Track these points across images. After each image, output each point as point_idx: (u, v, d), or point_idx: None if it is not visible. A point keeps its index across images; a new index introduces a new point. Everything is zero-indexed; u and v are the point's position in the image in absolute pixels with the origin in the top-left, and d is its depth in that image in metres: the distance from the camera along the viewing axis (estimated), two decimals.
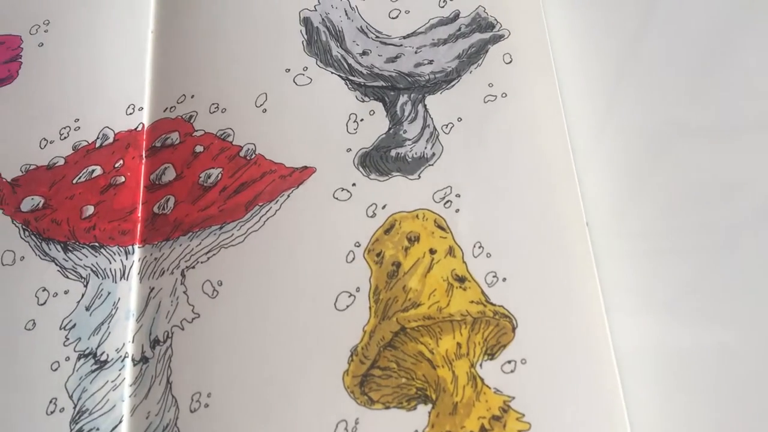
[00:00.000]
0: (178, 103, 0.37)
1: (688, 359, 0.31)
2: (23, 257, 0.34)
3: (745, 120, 0.35)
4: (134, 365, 0.32)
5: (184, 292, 0.33)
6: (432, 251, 0.33)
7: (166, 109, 0.37)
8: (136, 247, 0.34)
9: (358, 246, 0.33)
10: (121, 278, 0.33)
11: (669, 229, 0.34)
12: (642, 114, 0.38)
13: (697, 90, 0.37)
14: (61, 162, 0.36)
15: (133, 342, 0.32)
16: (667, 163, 0.35)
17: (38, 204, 0.35)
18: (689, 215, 0.34)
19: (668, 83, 0.37)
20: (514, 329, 0.31)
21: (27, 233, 0.34)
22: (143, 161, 0.36)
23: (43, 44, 0.39)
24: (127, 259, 0.34)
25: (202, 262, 0.33)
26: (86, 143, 0.36)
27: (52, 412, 0.31)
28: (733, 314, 0.31)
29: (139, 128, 0.37)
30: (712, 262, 0.33)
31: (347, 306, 0.32)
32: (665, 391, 0.31)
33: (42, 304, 0.33)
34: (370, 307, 0.32)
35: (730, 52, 0.37)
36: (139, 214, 0.35)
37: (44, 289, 0.33)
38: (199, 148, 0.36)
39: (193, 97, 0.37)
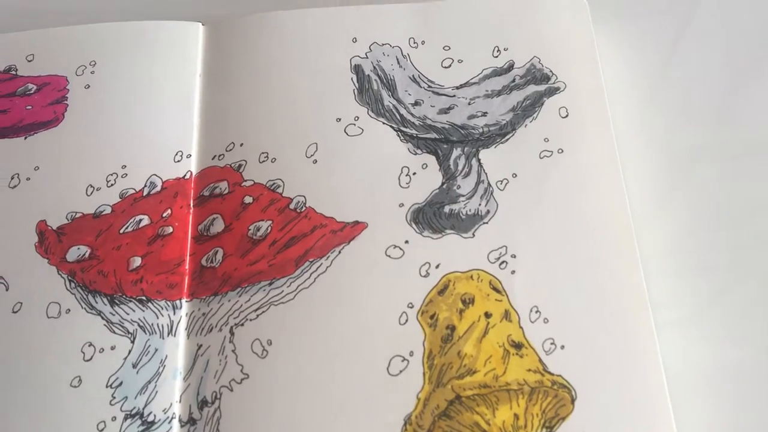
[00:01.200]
0: (226, 151, 0.37)
1: None
2: (69, 310, 0.33)
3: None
4: (181, 427, 0.31)
5: (233, 351, 0.32)
6: (487, 315, 0.32)
7: (215, 156, 0.37)
8: (183, 301, 0.33)
9: (411, 307, 0.32)
10: (168, 334, 0.33)
11: (737, 295, 0.33)
12: (702, 168, 0.37)
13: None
14: (108, 210, 0.35)
15: (180, 402, 0.32)
16: (736, 230, 0.34)
17: (84, 254, 0.34)
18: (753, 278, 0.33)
19: None
20: (573, 401, 0.30)
21: (73, 285, 0.34)
22: (191, 211, 0.35)
23: (89, 86, 0.38)
24: (174, 313, 0.33)
25: (251, 320, 0.33)
26: (133, 191, 0.36)
27: None
28: None
29: (187, 176, 0.36)
30: None
31: (400, 371, 0.31)
32: None
33: (88, 360, 0.32)
34: (424, 373, 0.31)
35: None
36: (187, 267, 0.34)
37: (90, 344, 0.32)
38: (248, 199, 0.35)
39: (242, 145, 0.37)
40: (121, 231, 0.35)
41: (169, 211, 0.35)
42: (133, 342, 0.32)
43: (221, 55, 0.39)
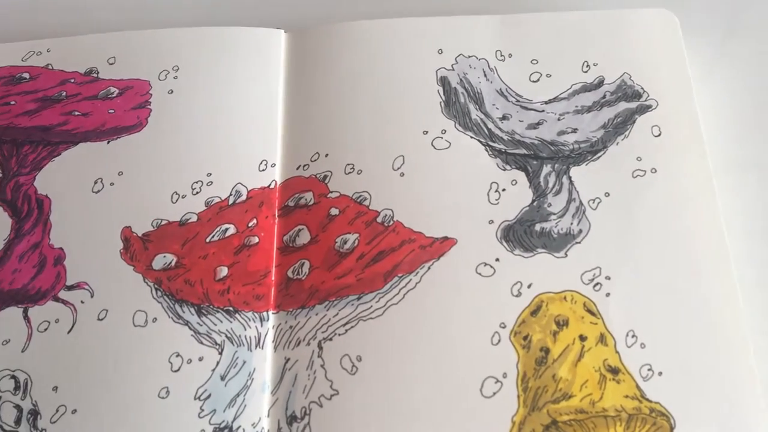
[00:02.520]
0: (311, 161, 0.36)
1: None
2: (155, 319, 0.33)
3: None
4: None
5: (322, 366, 0.32)
6: (582, 338, 0.31)
7: (299, 167, 0.36)
8: (270, 313, 0.33)
9: (503, 327, 0.32)
10: (256, 346, 0.32)
11: None
12: None
13: None
14: (194, 218, 0.35)
15: (269, 417, 0.31)
16: None
17: (171, 262, 0.34)
18: None
19: None
20: (672, 429, 0.29)
21: (159, 293, 0.33)
22: (276, 221, 0.35)
23: (172, 91, 0.38)
24: (262, 325, 0.33)
25: (339, 335, 0.32)
26: (219, 200, 0.35)
27: None
28: None
29: (272, 186, 0.36)
30: None
31: (494, 393, 0.30)
32: None
33: (176, 371, 0.32)
34: (518, 396, 0.30)
35: None
36: (273, 278, 0.34)
37: (178, 355, 0.32)
38: (334, 211, 0.35)
39: (327, 156, 0.36)
40: (208, 240, 0.34)
41: (254, 220, 0.35)
42: (220, 353, 0.32)
43: (304, 63, 0.39)
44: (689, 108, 0.36)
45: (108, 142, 0.37)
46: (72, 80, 0.39)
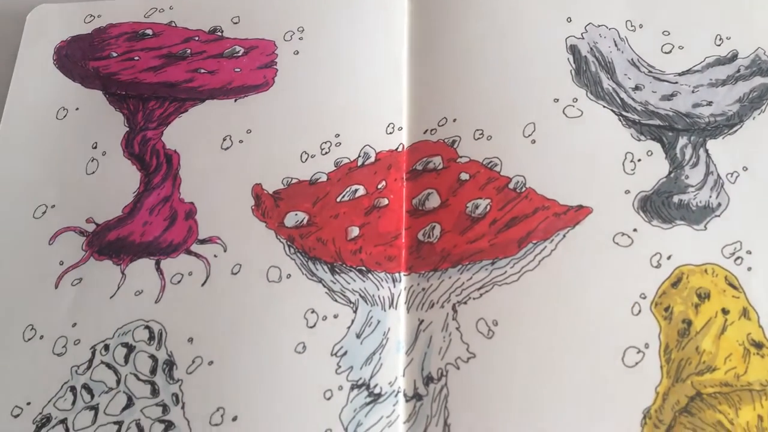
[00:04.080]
0: (439, 125, 0.36)
1: None
2: (290, 275, 0.33)
3: None
4: (407, 401, 0.31)
5: (457, 329, 0.31)
6: (724, 311, 0.31)
7: (427, 131, 0.36)
8: (402, 275, 0.33)
9: (643, 298, 0.31)
10: (390, 306, 0.32)
11: None
12: None
13: None
14: (324, 178, 0.35)
15: (404, 376, 0.31)
16: None
17: (302, 220, 0.34)
18: None
19: None
20: None
21: (292, 250, 0.33)
22: (404, 184, 0.35)
23: (298, 52, 0.38)
24: (394, 286, 0.33)
25: (474, 298, 0.32)
26: (348, 160, 0.35)
27: None
28: None
29: (399, 149, 0.36)
30: None
31: (636, 363, 0.30)
32: None
33: (311, 327, 0.32)
34: (661, 366, 0.30)
35: None
36: (403, 240, 0.34)
37: (313, 311, 0.32)
38: (464, 176, 0.34)
39: (455, 120, 0.36)
40: (338, 200, 0.34)
41: (383, 182, 0.35)
42: (355, 312, 0.32)
43: (429, 27, 0.38)
44: None
45: (235, 101, 0.37)
46: (196, 38, 0.39)
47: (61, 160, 0.37)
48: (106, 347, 0.32)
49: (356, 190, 0.34)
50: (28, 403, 0.31)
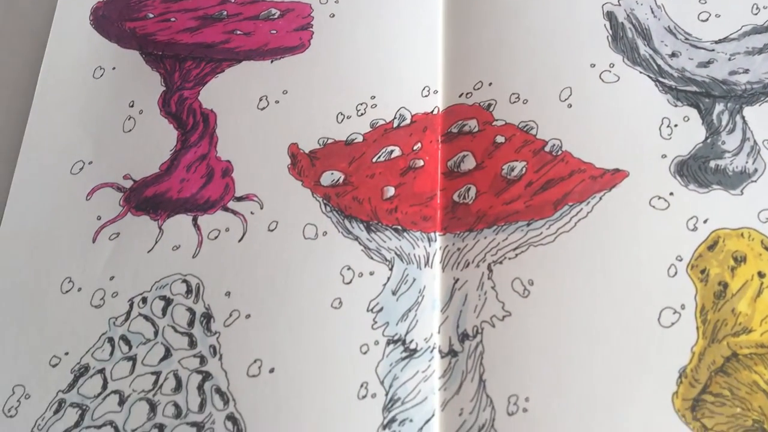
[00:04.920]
0: (474, 89, 0.36)
1: None
2: (326, 232, 0.33)
3: None
4: (442, 357, 0.31)
5: (493, 288, 0.32)
6: (761, 274, 0.31)
7: (462, 94, 0.36)
8: (437, 234, 0.33)
9: (679, 260, 0.31)
10: (425, 265, 0.32)
11: None
12: None
13: None
14: (360, 139, 0.35)
15: (439, 333, 0.31)
16: None
17: (338, 179, 0.34)
18: None
19: None
20: None
21: (328, 208, 0.33)
22: (439, 146, 0.35)
23: (334, 15, 0.38)
24: (430, 246, 0.33)
25: (509, 258, 0.32)
26: (383, 122, 0.35)
27: (363, 397, 0.30)
28: None
29: (435, 112, 0.36)
30: None
31: (672, 323, 0.30)
32: None
33: (348, 283, 0.32)
34: (697, 327, 0.30)
35: None
36: (439, 201, 0.34)
37: (349, 268, 0.32)
38: (500, 139, 0.35)
39: (491, 84, 0.36)
40: (374, 160, 0.34)
41: (419, 144, 0.35)
42: (391, 270, 0.32)
43: None
44: None
45: (271, 62, 0.37)
46: (232, 0, 0.39)
47: (97, 118, 0.37)
48: (144, 300, 0.32)
49: (392, 151, 0.35)
50: (66, 353, 0.32)
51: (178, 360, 0.31)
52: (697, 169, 0.33)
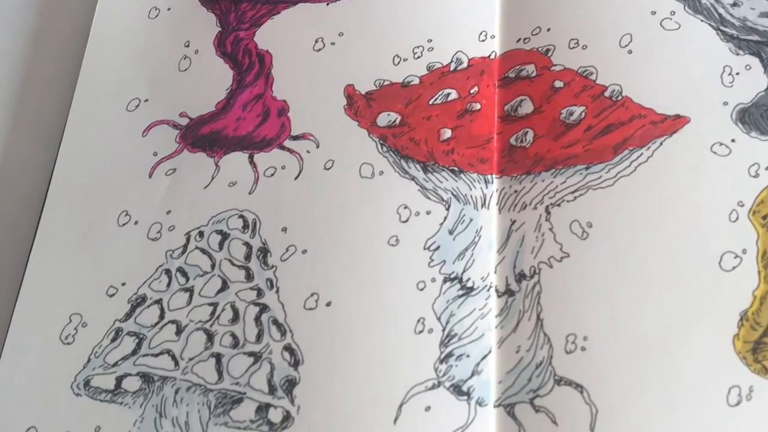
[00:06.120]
0: (532, 35, 0.36)
1: None
2: (382, 172, 0.33)
3: None
4: (499, 297, 0.31)
5: (550, 230, 0.31)
6: None
7: (520, 39, 0.36)
8: (494, 176, 0.33)
9: (741, 206, 0.31)
10: (482, 206, 0.32)
11: None
12: None
13: None
14: (416, 81, 0.35)
15: (496, 273, 0.31)
16: None
17: (395, 120, 0.34)
18: None
19: None
20: None
21: (385, 149, 0.33)
22: (496, 91, 0.35)
23: None
24: (486, 187, 0.33)
25: (568, 201, 0.32)
26: (440, 65, 0.35)
27: (420, 332, 0.30)
28: None
29: (492, 56, 0.35)
30: None
31: (733, 267, 0.30)
32: None
33: (404, 222, 0.32)
34: (759, 272, 0.30)
35: None
36: (495, 144, 0.33)
37: (406, 207, 0.32)
38: (558, 83, 0.34)
39: (549, 30, 0.35)
40: (430, 102, 0.34)
41: (476, 88, 0.35)
42: (447, 210, 0.32)
43: None
44: None
45: (327, 4, 0.37)
46: None
47: (153, 57, 0.37)
48: (201, 234, 0.32)
49: (449, 94, 0.34)
50: (123, 284, 0.32)
51: (235, 292, 0.31)
52: (758, 117, 0.33)
